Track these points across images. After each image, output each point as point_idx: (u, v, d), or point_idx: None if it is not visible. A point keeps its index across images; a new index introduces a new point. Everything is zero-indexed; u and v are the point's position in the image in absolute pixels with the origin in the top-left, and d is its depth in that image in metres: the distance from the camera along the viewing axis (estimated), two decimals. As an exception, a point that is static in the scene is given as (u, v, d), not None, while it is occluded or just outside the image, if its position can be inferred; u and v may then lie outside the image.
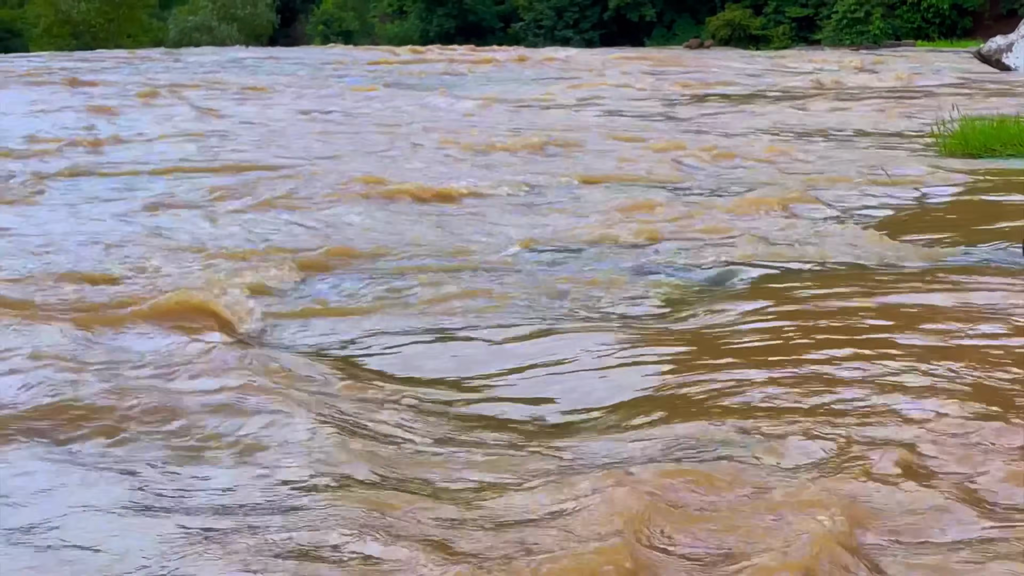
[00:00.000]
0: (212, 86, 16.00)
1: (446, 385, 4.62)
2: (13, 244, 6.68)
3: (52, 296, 5.63)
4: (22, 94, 15.19)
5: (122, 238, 6.86)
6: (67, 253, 6.47)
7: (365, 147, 10.56)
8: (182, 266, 6.18)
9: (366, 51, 26.32)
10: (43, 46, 58.91)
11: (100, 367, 4.61)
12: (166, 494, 3.49)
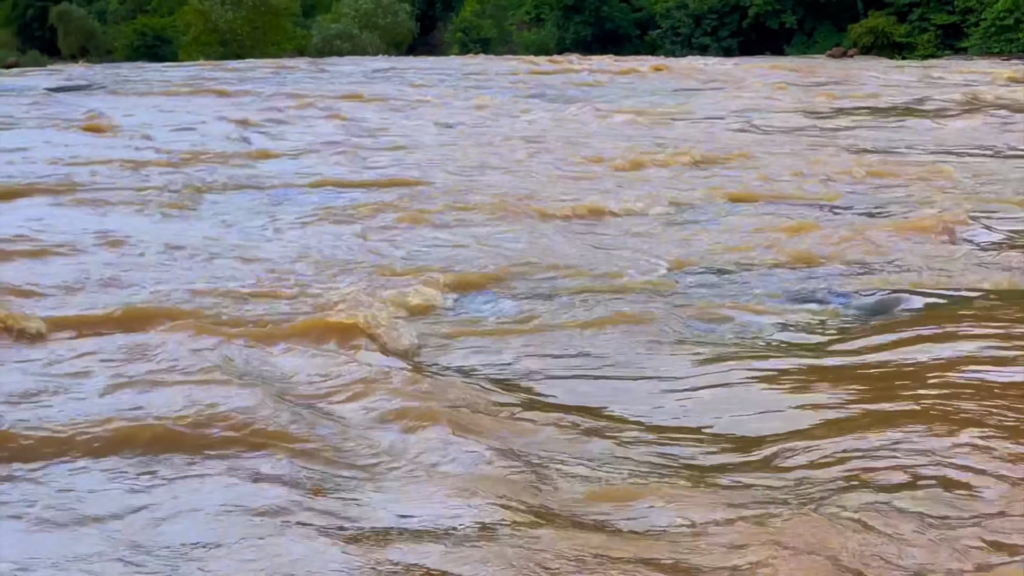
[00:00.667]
0: (357, 97, 16.23)
1: (602, 412, 4.59)
2: (170, 257, 6.84)
3: (211, 310, 5.75)
4: (177, 104, 15.62)
5: (276, 253, 6.97)
6: (224, 267, 6.61)
7: (509, 161, 10.57)
8: (335, 283, 6.25)
9: (506, 61, 26.40)
10: (192, 54, 60.73)
11: (260, 383, 4.70)
12: (330, 515, 3.53)
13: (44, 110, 14.37)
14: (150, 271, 6.45)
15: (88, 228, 7.49)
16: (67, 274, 6.33)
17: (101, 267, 6.52)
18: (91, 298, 5.91)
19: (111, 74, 22.44)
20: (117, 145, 11.22)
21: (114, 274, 6.39)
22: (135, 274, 6.39)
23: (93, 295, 5.97)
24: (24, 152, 10.63)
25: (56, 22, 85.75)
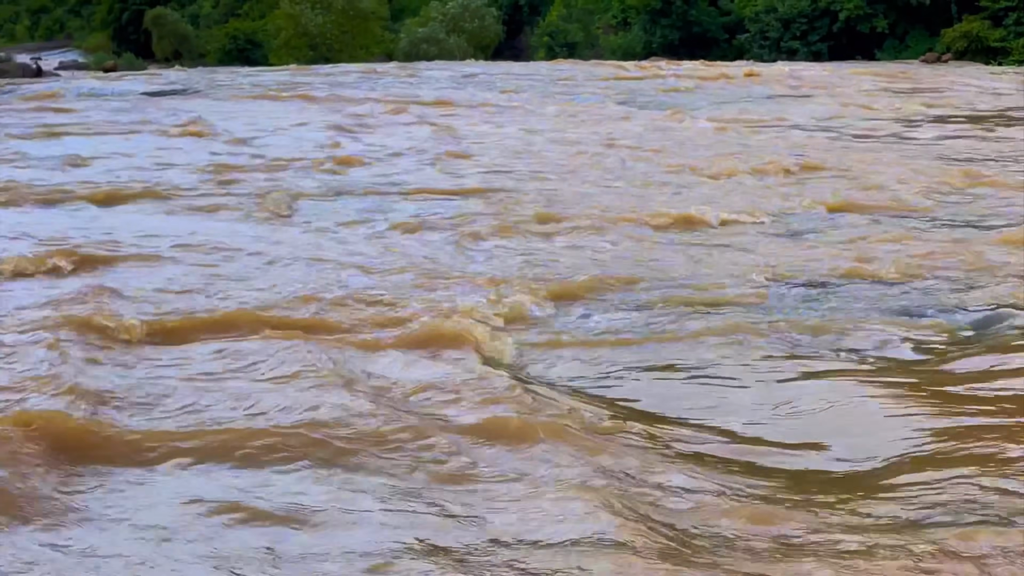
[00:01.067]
0: (447, 103, 16.31)
1: (704, 427, 4.56)
2: (269, 264, 6.94)
3: (311, 317, 5.83)
4: (271, 109, 15.83)
5: (373, 261, 7.03)
6: (322, 275, 6.69)
7: (601, 169, 10.55)
8: (434, 291, 6.30)
9: (594, 66, 26.34)
10: (282, 57, 61.42)
11: (365, 391, 4.75)
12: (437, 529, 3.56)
13: (143, 115, 14.66)
14: (250, 278, 6.56)
15: (188, 234, 7.63)
16: (169, 280, 6.46)
17: (202, 273, 6.64)
18: (193, 303, 6.02)
19: (205, 79, 22.82)
20: (214, 150, 11.42)
21: (215, 280, 6.50)
22: (235, 280, 6.50)
23: (195, 301, 6.08)
24: (126, 157, 10.88)
25: (150, 26, 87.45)
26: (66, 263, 6.68)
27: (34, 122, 13.85)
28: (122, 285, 6.25)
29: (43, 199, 8.68)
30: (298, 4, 59.59)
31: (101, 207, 8.53)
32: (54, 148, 11.55)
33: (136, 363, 5.06)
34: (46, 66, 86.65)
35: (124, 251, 7.11)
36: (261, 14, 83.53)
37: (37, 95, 18.54)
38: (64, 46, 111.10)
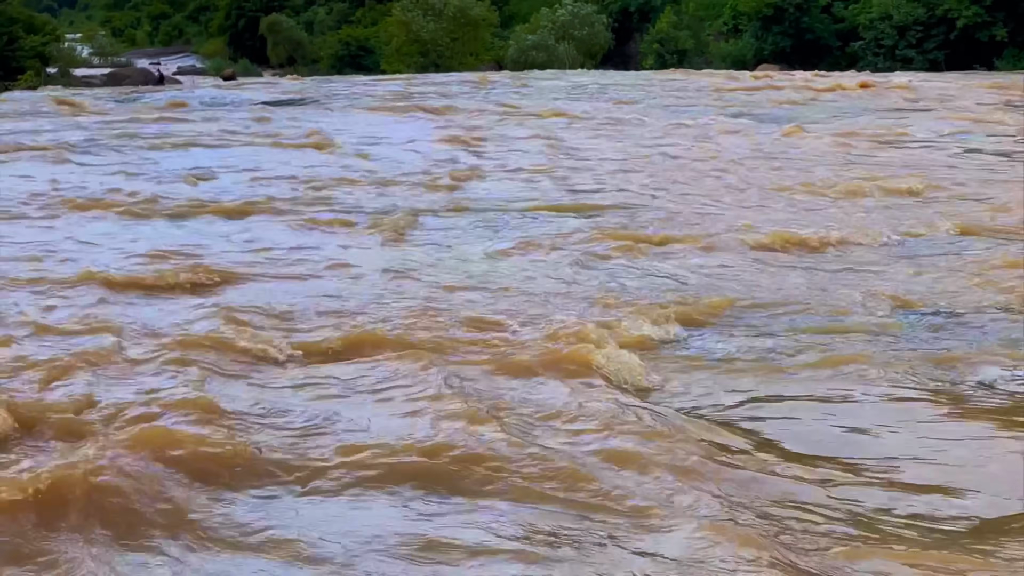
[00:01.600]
0: (561, 115, 16.34)
1: (833, 460, 4.50)
2: (393, 282, 7.04)
3: (437, 338, 5.89)
4: (387, 121, 16.03)
5: (496, 281, 7.09)
6: (445, 295, 6.77)
7: (720, 186, 10.49)
8: (559, 312, 6.33)
9: (706, 76, 26.13)
10: (393, 64, 62.25)
11: (491, 416, 4.79)
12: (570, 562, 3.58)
13: (263, 126, 14.96)
14: (375, 298, 6.65)
15: (312, 250, 7.80)
16: (298, 299, 6.59)
17: (328, 292, 6.77)
18: (322, 323, 6.14)
19: (321, 88, 23.19)
20: (334, 164, 11.60)
21: (342, 300, 6.62)
22: (361, 300, 6.61)
23: (322, 319, 6.21)
24: (249, 170, 11.13)
25: (266, 32, 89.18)
26: (197, 280, 6.86)
27: (160, 132, 14.25)
28: (254, 304, 6.40)
29: (173, 213, 8.92)
30: (410, 11, 60.22)
31: (228, 221, 8.74)
32: (181, 160, 11.88)
33: (272, 384, 5.18)
34: (164, 71, 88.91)
35: (252, 268, 7.28)
36: (373, 21, 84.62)
37: (161, 104, 19.09)
38: (182, 51, 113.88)
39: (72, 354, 5.30)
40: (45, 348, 5.45)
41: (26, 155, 12.03)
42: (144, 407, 4.68)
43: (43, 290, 6.55)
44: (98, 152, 12.45)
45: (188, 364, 5.27)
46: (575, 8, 59.63)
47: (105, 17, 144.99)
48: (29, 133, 14.04)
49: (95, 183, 10.18)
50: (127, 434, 4.32)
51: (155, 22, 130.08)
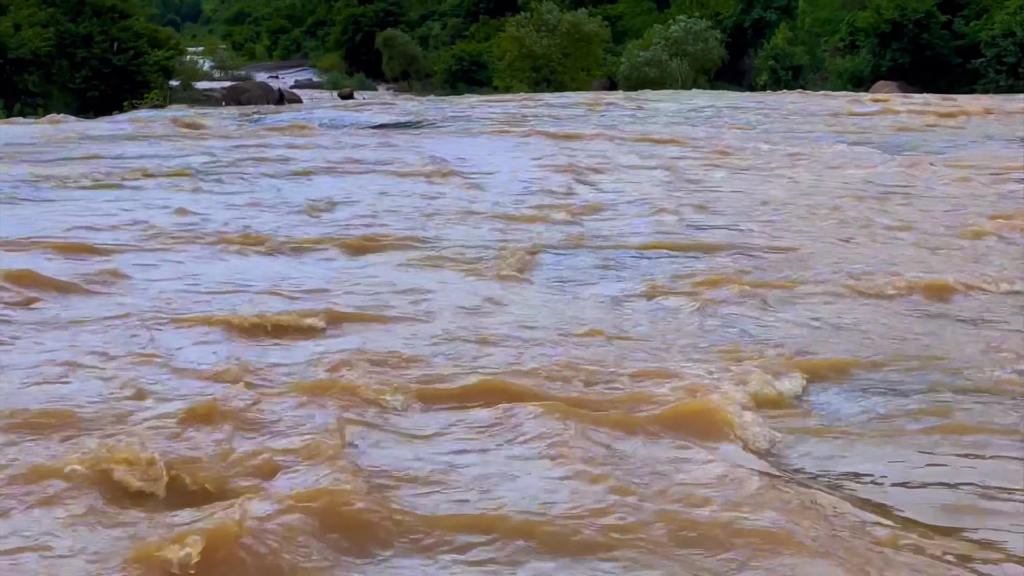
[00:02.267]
0: (678, 143, 16.22)
1: (981, 544, 4.33)
2: (518, 326, 7.02)
3: (554, 387, 5.88)
4: (502, 146, 16.09)
5: (614, 326, 7.04)
6: (562, 341, 6.75)
7: (843, 223, 10.27)
8: (678, 363, 6.26)
9: (824, 98, 25.67)
10: (505, 79, 62.65)
11: (611, 473, 4.76)
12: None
13: (380, 152, 15.13)
14: (493, 342, 6.66)
15: (429, 290, 7.83)
16: (415, 342, 6.63)
17: (447, 335, 6.79)
18: (440, 369, 6.18)
19: (437, 109, 23.38)
20: (451, 195, 11.66)
21: (459, 343, 6.65)
22: (479, 344, 6.62)
23: (442, 365, 6.24)
24: (370, 202, 11.25)
25: (381, 47, 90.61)
26: (319, 321, 6.95)
27: (281, 157, 14.51)
28: (375, 347, 6.46)
29: (294, 247, 9.06)
30: (523, 27, 60.51)
31: (347, 257, 8.85)
32: (301, 188, 12.07)
33: (401, 434, 5.22)
34: (282, 84, 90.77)
35: (371, 308, 7.35)
36: (487, 36, 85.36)
37: (282, 127, 19.46)
38: (300, 65, 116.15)
39: (202, 401, 5.40)
40: (174, 395, 5.56)
41: (151, 183, 12.35)
42: (280, 459, 4.75)
43: (166, 331, 6.68)
44: (220, 179, 12.72)
45: (317, 412, 5.33)
46: (689, 24, 59.31)
47: (226, 31, 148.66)
48: (154, 158, 14.42)
49: (217, 213, 10.39)
50: (270, 489, 4.40)
51: (274, 36, 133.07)
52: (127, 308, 7.11)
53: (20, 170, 13.20)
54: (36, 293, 7.37)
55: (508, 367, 6.17)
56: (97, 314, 6.97)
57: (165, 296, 7.44)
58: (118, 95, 48.18)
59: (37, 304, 7.17)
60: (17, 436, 4.93)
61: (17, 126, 20.02)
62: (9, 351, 6.21)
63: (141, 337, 6.54)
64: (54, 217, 9.99)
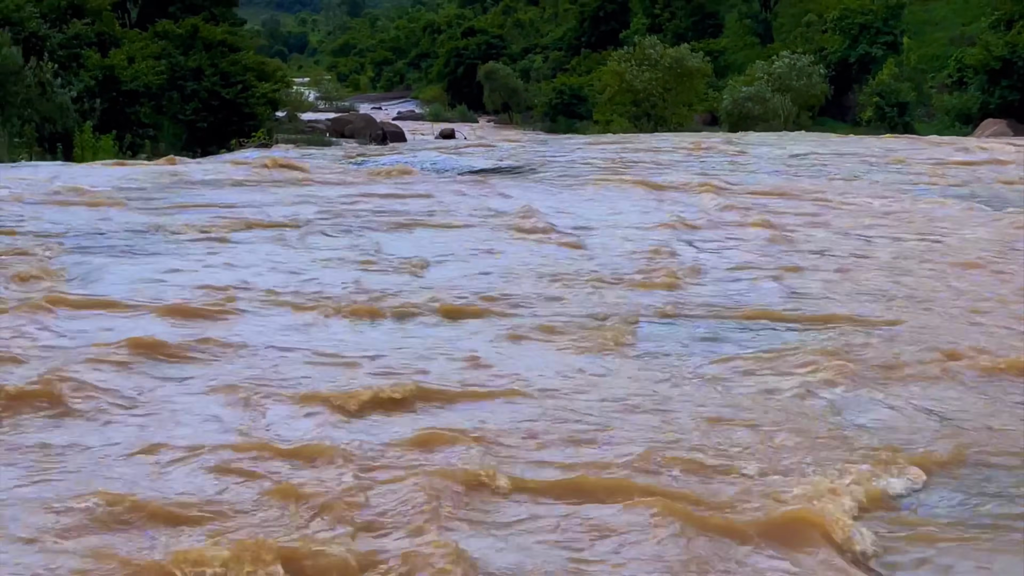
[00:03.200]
0: (780, 195, 16.00)
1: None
2: (608, 408, 6.94)
3: (656, 480, 5.81)
4: (603, 197, 16.03)
5: (714, 411, 6.92)
6: (663, 423, 6.68)
7: (949, 292, 9.98)
8: (781, 457, 6.14)
9: (929, 144, 25.06)
10: (605, 112, 62.69)
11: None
12: None
13: (480, 202, 15.19)
14: (593, 425, 6.61)
15: (526, 363, 7.80)
16: (512, 422, 6.62)
17: (544, 415, 6.76)
18: (538, 453, 6.16)
19: (537, 151, 23.44)
20: (549, 254, 11.61)
21: (558, 423, 6.61)
22: (577, 426, 6.58)
23: (539, 449, 6.22)
24: (465, 261, 11.28)
25: (483, 79, 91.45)
26: (415, 396, 6.98)
27: (383, 208, 14.64)
28: (473, 425, 6.48)
29: (393, 312, 9.10)
30: (625, 61, 60.56)
31: (444, 324, 8.86)
32: (403, 244, 12.15)
33: (502, 523, 5.21)
34: (385, 115, 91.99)
35: (466, 383, 7.36)
36: (588, 69, 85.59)
37: (386, 171, 19.67)
38: (403, 96, 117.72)
39: (301, 484, 5.45)
40: (272, 476, 5.62)
41: (255, 235, 12.54)
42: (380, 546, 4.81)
43: (263, 406, 6.76)
44: (323, 231, 12.88)
45: (422, 501, 5.34)
46: (792, 60, 58.75)
47: (331, 62, 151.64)
48: (258, 207, 14.65)
49: (317, 272, 10.51)
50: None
51: (378, 68, 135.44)
52: (226, 379, 7.22)
53: (131, 218, 13.54)
54: (137, 360, 7.52)
55: (602, 454, 6.12)
56: (197, 387, 7.08)
57: (263, 366, 7.53)
58: (226, 126, 49.31)
59: (136, 373, 7.31)
60: (112, 526, 5.01)
61: (132, 167, 20.58)
62: (105, 427, 6.33)
63: (239, 412, 6.63)
64: (160, 274, 10.20)
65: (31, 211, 13.97)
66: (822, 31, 73.42)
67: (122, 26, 64.75)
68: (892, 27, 68.86)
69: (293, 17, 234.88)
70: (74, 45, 46.19)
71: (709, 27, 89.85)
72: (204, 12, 69.50)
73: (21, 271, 10.12)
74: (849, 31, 69.25)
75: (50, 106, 36.39)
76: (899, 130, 53.90)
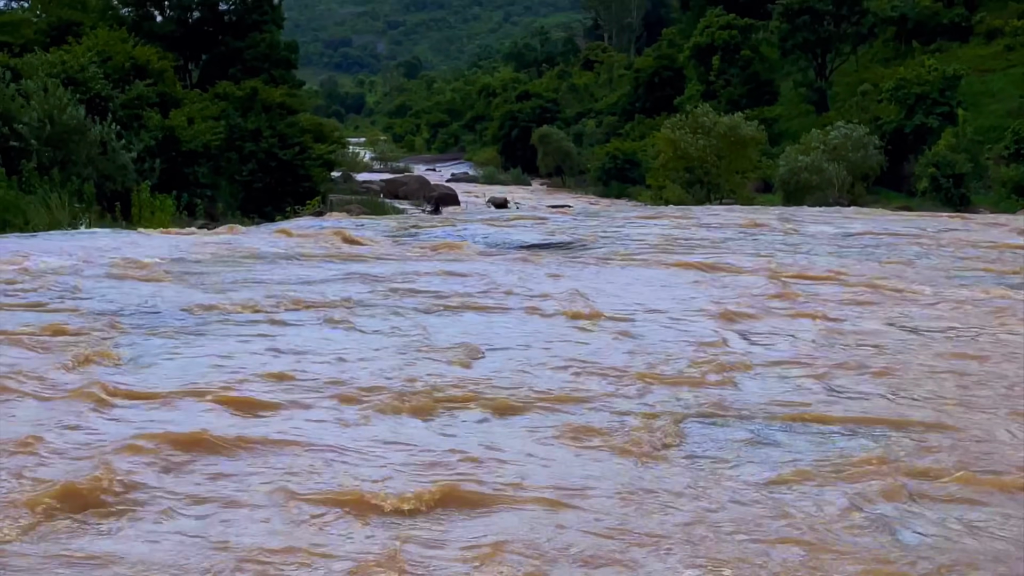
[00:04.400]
0: (831, 279, 15.89)
1: None
2: (651, 519, 6.92)
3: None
4: (653, 279, 16.02)
5: (755, 525, 6.84)
6: (700, 537, 6.62)
7: (1003, 399, 9.86)
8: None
9: (988, 225, 24.91)
10: (659, 178, 62.94)
11: None
12: None
13: (528, 284, 15.20)
14: (639, 538, 6.58)
15: (570, 469, 7.74)
16: (555, 532, 6.62)
17: (588, 526, 6.75)
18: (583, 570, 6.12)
19: (589, 225, 23.51)
20: (594, 342, 11.57)
21: (603, 538, 6.58)
22: (622, 540, 6.56)
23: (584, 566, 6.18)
24: (513, 348, 11.26)
25: (537, 143, 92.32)
26: (458, 502, 6.99)
27: (434, 289, 14.72)
28: (518, 536, 6.46)
29: (438, 405, 9.12)
30: (679, 129, 61.00)
31: (489, 421, 8.85)
32: (452, 328, 12.19)
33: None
34: (439, 176, 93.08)
35: (508, 488, 7.35)
36: (641, 135, 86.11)
37: (436, 244, 19.85)
38: (456, 158, 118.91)
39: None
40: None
41: (306, 316, 12.66)
42: None
43: (309, 509, 6.80)
44: (372, 313, 12.96)
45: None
46: (848, 130, 58.91)
47: (387, 123, 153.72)
48: (310, 285, 14.81)
49: (364, 360, 10.56)
50: None
51: (433, 130, 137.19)
52: (271, 480, 7.27)
53: (186, 295, 13.74)
54: (183, 458, 7.60)
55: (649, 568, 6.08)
56: (243, 487, 7.13)
57: (310, 465, 7.58)
58: (282, 187, 50.05)
59: (182, 472, 7.39)
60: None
61: (190, 236, 20.93)
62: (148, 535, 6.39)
63: (285, 516, 6.68)
64: (210, 362, 10.32)
65: (90, 285, 14.24)
66: (877, 101, 73.40)
67: (184, 87, 66.08)
68: (948, 98, 68.74)
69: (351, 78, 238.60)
70: (136, 105, 47.20)
71: (764, 95, 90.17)
72: (264, 74, 70.83)
73: (79, 354, 10.29)
74: (905, 101, 69.24)
75: (111, 166, 37.12)
76: (955, 201, 53.49)
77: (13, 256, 16.52)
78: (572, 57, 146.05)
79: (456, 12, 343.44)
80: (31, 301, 13.11)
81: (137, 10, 77.02)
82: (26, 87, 35.95)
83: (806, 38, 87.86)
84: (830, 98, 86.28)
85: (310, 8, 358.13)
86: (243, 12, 78.35)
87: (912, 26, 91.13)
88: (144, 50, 53.47)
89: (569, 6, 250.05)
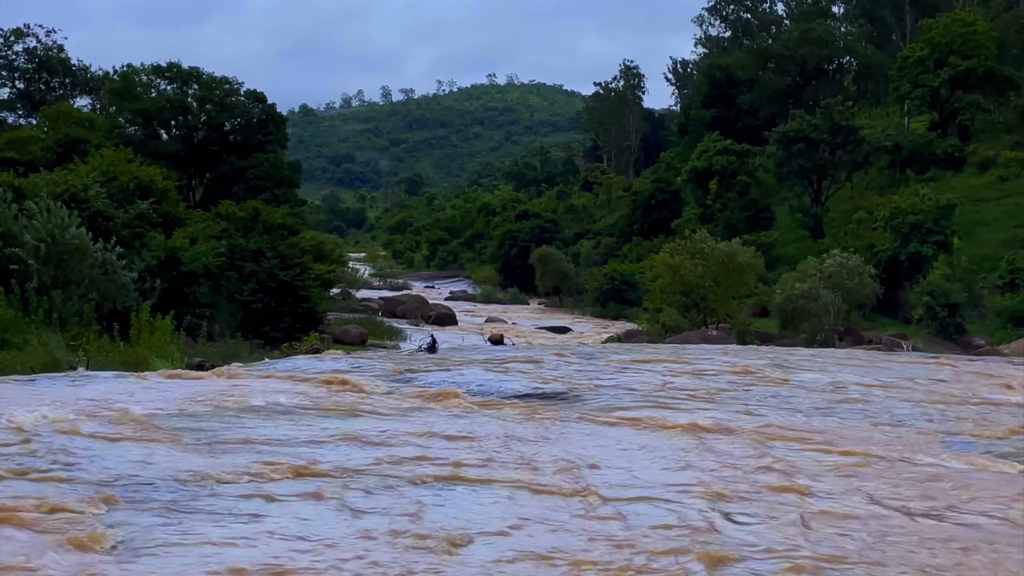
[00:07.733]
0: (823, 448, 16.00)
1: None
2: None
3: None
4: (647, 444, 16.12)
5: None
6: None
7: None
8: None
9: (981, 376, 25.09)
10: (655, 301, 63.44)
11: None
12: None
13: (522, 448, 15.32)
14: None
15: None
16: None
17: None
18: None
19: (586, 375, 23.72)
20: (585, 528, 11.52)
21: None
22: None
23: None
24: (498, 531, 11.31)
25: (536, 263, 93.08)
26: None
27: (425, 453, 14.87)
28: None
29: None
30: (678, 254, 61.82)
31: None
32: (441, 508, 12.23)
33: None
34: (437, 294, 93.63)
35: None
36: (639, 257, 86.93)
37: (433, 392, 20.07)
38: (455, 276, 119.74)
39: None
40: None
41: (298, 486, 12.80)
42: None
43: None
44: (363, 486, 13.07)
45: None
46: (843, 259, 59.71)
47: (387, 239, 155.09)
48: (303, 445, 14.96)
49: (353, 547, 10.65)
50: None
51: (432, 246, 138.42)
52: None
53: (180, 460, 13.88)
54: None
55: None
56: None
57: None
58: (282, 307, 50.37)
59: None
60: None
61: (186, 381, 21.13)
62: None
63: None
64: (200, 548, 10.41)
65: (82, 447, 14.37)
66: (872, 228, 74.39)
67: (187, 204, 66.94)
68: (943, 227, 69.68)
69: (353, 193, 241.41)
70: (138, 225, 47.85)
71: (761, 219, 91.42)
72: (267, 192, 71.78)
73: (72, 537, 10.41)
74: (899, 230, 70.19)
75: (111, 286, 37.39)
76: (950, 331, 53.81)
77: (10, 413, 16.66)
78: (571, 177, 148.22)
79: (458, 131, 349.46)
80: (25, 467, 13.24)
81: (143, 129, 78.43)
82: (29, 208, 36.43)
83: (802, 165, 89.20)
84: (825, 224, 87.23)
85: (314, 124, 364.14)
86: (248, 132, 79.74)
87: (906, 155, 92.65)
88: (148, 170, 54.38)
89: (569, 127, 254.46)
